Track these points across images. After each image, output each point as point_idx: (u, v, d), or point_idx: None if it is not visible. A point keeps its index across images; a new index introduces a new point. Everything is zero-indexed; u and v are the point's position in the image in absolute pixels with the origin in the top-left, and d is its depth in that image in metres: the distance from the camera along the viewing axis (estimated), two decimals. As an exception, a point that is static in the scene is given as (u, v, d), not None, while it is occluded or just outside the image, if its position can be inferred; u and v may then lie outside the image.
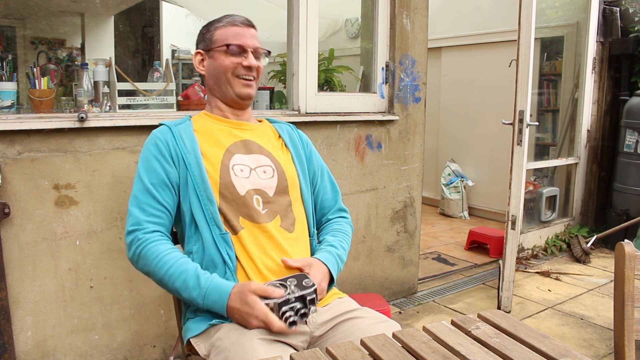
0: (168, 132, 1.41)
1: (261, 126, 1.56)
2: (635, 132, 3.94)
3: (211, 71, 1.47)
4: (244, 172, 1.39)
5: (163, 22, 4.73)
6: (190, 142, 1.39)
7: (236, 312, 1.22)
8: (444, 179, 5.12)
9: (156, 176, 1.35)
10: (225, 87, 1.45)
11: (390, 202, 2.94)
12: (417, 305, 2.98)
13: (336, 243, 1.47)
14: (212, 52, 1.46)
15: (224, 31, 1.45)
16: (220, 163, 1.38)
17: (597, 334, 2.64)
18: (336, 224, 1.56)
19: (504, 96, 4.38)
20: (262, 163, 1.44)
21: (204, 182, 1.34)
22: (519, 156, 2.87)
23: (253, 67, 1.44)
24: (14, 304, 1.89)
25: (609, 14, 4.26)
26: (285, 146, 1.54)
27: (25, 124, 1.84)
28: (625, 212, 3.98)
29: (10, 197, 1.85)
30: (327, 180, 1.60)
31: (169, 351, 2.23)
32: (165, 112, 2.20)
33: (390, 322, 1.30)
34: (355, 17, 4.41)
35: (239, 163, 1.40)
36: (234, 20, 1.47)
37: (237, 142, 1.44)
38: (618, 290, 1.16)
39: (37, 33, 3.79)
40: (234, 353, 1.14)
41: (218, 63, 1.44)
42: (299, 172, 1.50)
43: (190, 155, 1.37)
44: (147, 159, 1.38)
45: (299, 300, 1.22)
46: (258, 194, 1.38)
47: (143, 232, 1.31)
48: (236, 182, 1.37)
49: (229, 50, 1.42)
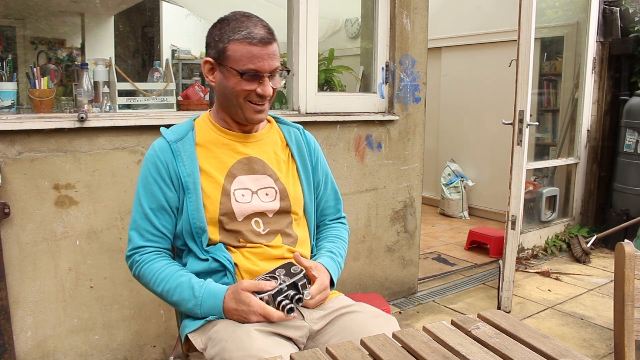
0: (168, 151, 1.34)
1: (268, 135, 1.45)
2: (635, 132, 3.94)
3: (221, 89, 1.34)
4: (245, 197, 1.35)
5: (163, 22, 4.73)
6: (190, 163, 1.33)
7: (234, 313, 1.23)
8: (444, 179, 5.12)
9: (155, 201, 1.33)
10: (234, 110, 1.34)
11: (390, 202, 2.94)
12: (417, 305, 2.98)
13: (335, 250, 1.47)
14: (223, 67, 1.30)
15: (239, 48, 1.27)
16: (221, 189, 1.33)
17: (597, 334, 2.64)
18: (334, 229, 1.56)
19: (504, 96, 4.38)
20: (264, 185, 1.38)
21: (199, 211, 1.31)
22: (519, 156, 2.87)
23: (267, 96, 1.31)
24: (14, 304, 1.89)
25: (609, 14, 4.26)
26: (292, 157, 1.47)
27: (25, 124, 1.84)
28: (625, 212, 3.98)
29: (10, 197, 1.85)
30: (330, 188, 1.57)
31: (169, 351, 2.23)
32: (165, 112, 2.20)
33: (387, 316, 1.32)
34: (355, 17, 4.41)
35: (240, 187, 1.35)
36: (252, 36, 1.26)
37: (241, 161, 1.38)
38: (618, 290, 1.16)
39: (37, 33, 3.79)
40: (230, 343, 1.15)
41: (229, 85, 1.30)
42: (304, 189, 1.45)
43: (189, 179, 1.32)
44: (146, 180, 1.34)
45: (292, 288, 1.24)
46: (258, 217, 1.36)
47: (140, 254, 1.34)
48: (236, 209, 1.33)
49: (242, 77, 1.28)
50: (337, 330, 1.27)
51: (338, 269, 1.43)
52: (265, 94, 1.30)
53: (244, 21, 1.29)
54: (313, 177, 1.50)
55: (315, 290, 1.29)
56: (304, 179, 1.46)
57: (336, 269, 1.42)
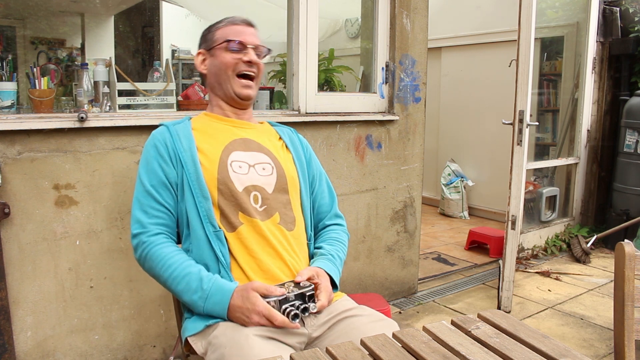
0: (166, 131, 1.42)
1: (262, 126, 1.57)
2: (635, 132, 3.94)
3: (212, 69, 1.48)
4: (243, 169, 1.40)
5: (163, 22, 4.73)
6: (187, 141, 1.40)
7: (238, 310, 1.23)
8: (444, 179, 5.12)
9: (155, 177, 1.37)
10: (225, 85, 1.46)
11: (390, 202, 2.94)
12: (417, 305, 2.98)
13: (334, 253, 1.47)
14: (213, 50, 1.47)
15: (224, 30, 1.48)
16: (218, 159, 1.38)
17: (597, 334, 2.64)
18: (333, 232, 1.56)
19: (504, 96, 4.38)
20: (261, 160, 1.44)
21: (199, 179, 1.35)
22: (519, 156, 2.87)
23: (254, 62, 1.45)
24: (14, 304, 1.89)
25: (609, 14, 4.26)
26: (286, 147, 1.55)
27: (25, 124, 1.84)
28: (625, 212, 3.98)
29: (10, 197, 1.85)
30: (325, 185, 1.60)
31: (169, 351, 2.23)
32: (165, 112, 2.20)
33: (387, 321, 1.31)
34: (355, 17, 4.41)
35: (237, 160, 1.41)
36: (234, 19, 1.49)
37: (237, 140, 1.45)
38: (618, 290, 1.16)
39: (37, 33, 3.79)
40: (229, 349, 1.15)
41: (219, 60, 1.46)
42: (299, 173, 1.50)
43: (186, 153, 1.38)
44: (146, 160, 1.40)
45: (299, 298, 1.25)
46: (256, 191, 1.39)
47: (147, 235, 1.34)
48: (234, 178, 1.37)
49: (229, 46, 1.44)
50: (336, 336, 1.27)
51: (338, 271, 1.43)
52: (251, 60, 1.45)
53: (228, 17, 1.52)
54: (308, 170, 1.55)
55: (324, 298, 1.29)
56: (298, 168, 1.52)
57: (336, 271, 1.41)
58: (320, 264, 1.39)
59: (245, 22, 1.50)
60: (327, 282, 1.34)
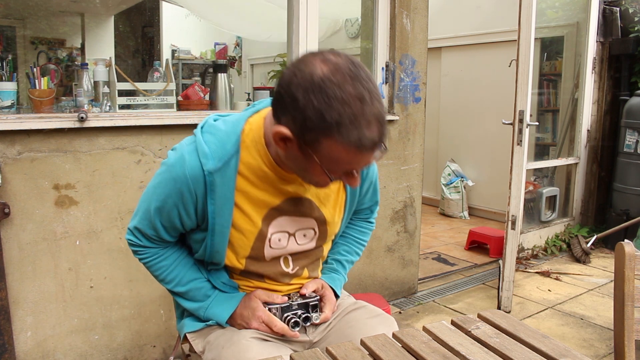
0: (201, 182, 1.09)
1: None
2: (635, 132, 3.94)
3: (294, 161, 1.05)
4: (282, 242, 1.19)
5: (163, 22, 4.73)
6: (224, 202, 1.11)
7: (238, 316, 1.22)
8: (444, 179, 5.12)
9: (168, 221, 1.15)
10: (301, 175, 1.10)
11: (390, 202, 2.93)
12: (417, 305, 2.98)
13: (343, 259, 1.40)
14: (306, 151, 0.98)
15: (340, 150, 0.95)
16: (257, 232, 1.16)
17: (597, 334, 2.64)
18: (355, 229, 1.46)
19: (504, 96, 4.38)
20: (304, 226, 1.21)
21: (220, 253, 1.16)
22: (519, 156, 2.86)
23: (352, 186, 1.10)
24: (14, 304, 1.89)
25: (609, 14, 4.26)
26: (344, 187, 1.26)
27: (25, 124, 1.84)
28: (625, 212, 3.98)
29: (10, 197, 1.84)
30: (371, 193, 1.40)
31: (169, 351, 2.23)
32: (165, 112, 2.20)
33: (385, 316, 1.30)
34: (355, 17, 4.41)
35: (277, 230, 1.18)
36: (362, 142, 0.94)
37: (287, 201, 1.17)
38: (618, 290, 1.16)
39: (37, 33, 3.79)
40: (226, 350, 1.14)
41: (309, 166, 1.02)
42: (344, 218, 1.30)
43: (217, 220, 1.12)
44: (165, 199, 1.12)
45: (302, 307, 1.24)
46: (288, 255, 1.24)
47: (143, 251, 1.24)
48: (267, 254, 1.20)
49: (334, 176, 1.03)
50: (336, 335, 1.26)
51: (344, 280, 1.40)
52: (351, 186, 1.07)
53: (357, 107, 0.92)
54: (358, 199, 1.33)
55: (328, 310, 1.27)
56: (347, 210, 1.29)
57: (341, 281, 1.38)
58: (325, 277, 1.35)
59: (374, 145, 0.96)
60: (332, 294, 1.31)
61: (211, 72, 2.73)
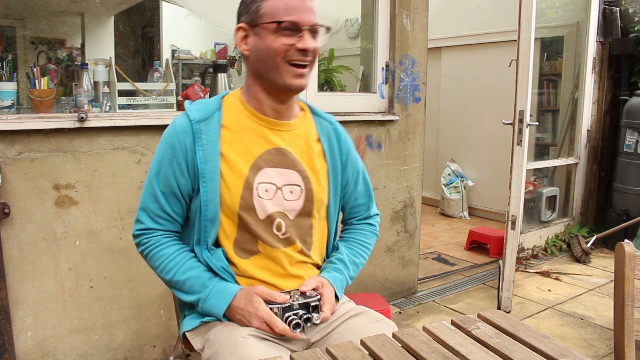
0: (189, 132, 1.23)
1: (302, 125, 1.35)
2: (635, 132, 3.94)
3: (256, 53, 1.21)
4: (269, 193, 1.26)
5: (163, 22, 4.73)
6: (210, 148, 1.22)
7: (239, 312, 1.21)
8: (444, 179, 5.12)
9: (166, 185, 1.25)
10: (272, 75, 1.21)
11: (390, 202, 2.94)
12: (417, 305, 2.98)
13: (347, 259, 1.40)
14: (258, 28, 1.19)
15: (274, 3, 1.18)
16: (244, 181, 1.23)
17: (597, 334, 2.64)
18: (358, 232, 1.49)
19: (504, 96, 4.38)
20: (290, 181, 1.28)
21: (214, 202, 1.22)
22: (519, 156, 2.87)
23: (309, 50, 1.21)
24: (14, 304, 1.89)
25: (609, 14, 4.26)
26: (324, 155, 1.36)
27: (25, 124, 1.84)
28: (625, 212, 3.98)
29: (10, 197, 1.85)
30: (361, 186, 1.47)
31: (169, 351, 2.23)
32: (165, 112, 2.20)
33: (386, 321, 1.29)
34: (355, 17, 4.41)
35: (264, 181, 1.25)
36: None
37: (269, 151, 1.27)
38: (618, 290, 1.16)
39: (37, 33, 3.79)
40: (223, 346, 1.14)
41: (266, 44, 1.18)
42: (330, 191, 1.36)
43: (206, 166, 1.22)
44: (160, 160, 1.25)
45: (303, 307, 1.23)
46: (280, 217, 1.27)
47: (147, 237, 1.29)
48: (257, 205, 1.24)
49: (279, 29, 1.17)
50: (335, 338, 1.25)
51: (346, 281, 1.39)
52: (306, 47, 1.19)
53: None
54: (342, 177, 1.39)
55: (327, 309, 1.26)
56: (332, 181, 1.36)
57: (343, 282, 1.37)
58: (326, 274, 1.34)
59: None
60: (331, 293, 1.30)
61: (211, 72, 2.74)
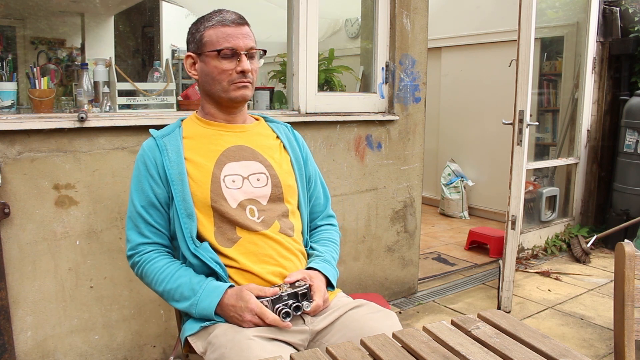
0: (154, 146, 1.38)
1: (256, 127, 1.50)
2: (635, 132, 3.94)
3: (204, 77, 1.40)
4: (236, 183, 1.36)
5: (163, 22, 4.73)
6: (176, 155, 1.36)
7: (231, 309, 1.24)
8: (444, 179, 5.12)
9: (145, 198, 1.35)
10: (219, 93, 1.38)
11: (390, 202, 2.94)
12: (417, 305, 2.98)
13: (327, 254, 1.46)
14: (203, 55, 1.38)
15: (213, 32, 1.36)
16: (210, 175, 1.34)
17: (597, 334, 2.64)
18: (326, 232, 1.56)
19: (504, 96, 4.38)
20: (255, 170, 1.39)
21: (185, 199, 1.32)
22: (519, 156, 2.87)
23: (247, 71, 1.36)
24: (14, 304, 1.89)
25: (609, 14, 4.26)
26: (284, 148, 1.50)
27: (25, 124, 1.84)
28: (625, 212, 3.98)
29: (10, 197, 1.85)
30: (319, 185, 1.58)
31: (169, 351, 2.23)
32: (165, 112, 2.20)
33: (386, 311, 1.33)
34: (355, 17, 4.41)
35: (230, 173, 1.36)
36: (224, 19, 1.37)
37: (230, 149, 1.40)
38: (618, 290, 1.16)
39: (37, 33, 3.79)
40: (229, 350, 1.15)
41: (209, 69, 1.36)
42: (297, 177, 1.47)
43: (174, 170, 1.34)
44: (137, 178, 1.38)
45: (292, 297, 1.26)
46: (251, 204, 1.36)
47: (139, 255, 1.36)
48: (228, 195, 1.34)
49: (220, 55, 1.34)
50: (339, 328, 1.28)
51: (336, 272, 1.43)
52: (244, 69, 1.35)
53: (216, 12, 1.40)
54: (305, 169, 1.51)
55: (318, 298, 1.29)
56: (296, 170, 1.47)
57: (333, 272, 1.42)
58: (315, 264, 1.39)
59: (236, 21, 1.37)
60: (321, 282, 1.34)
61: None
